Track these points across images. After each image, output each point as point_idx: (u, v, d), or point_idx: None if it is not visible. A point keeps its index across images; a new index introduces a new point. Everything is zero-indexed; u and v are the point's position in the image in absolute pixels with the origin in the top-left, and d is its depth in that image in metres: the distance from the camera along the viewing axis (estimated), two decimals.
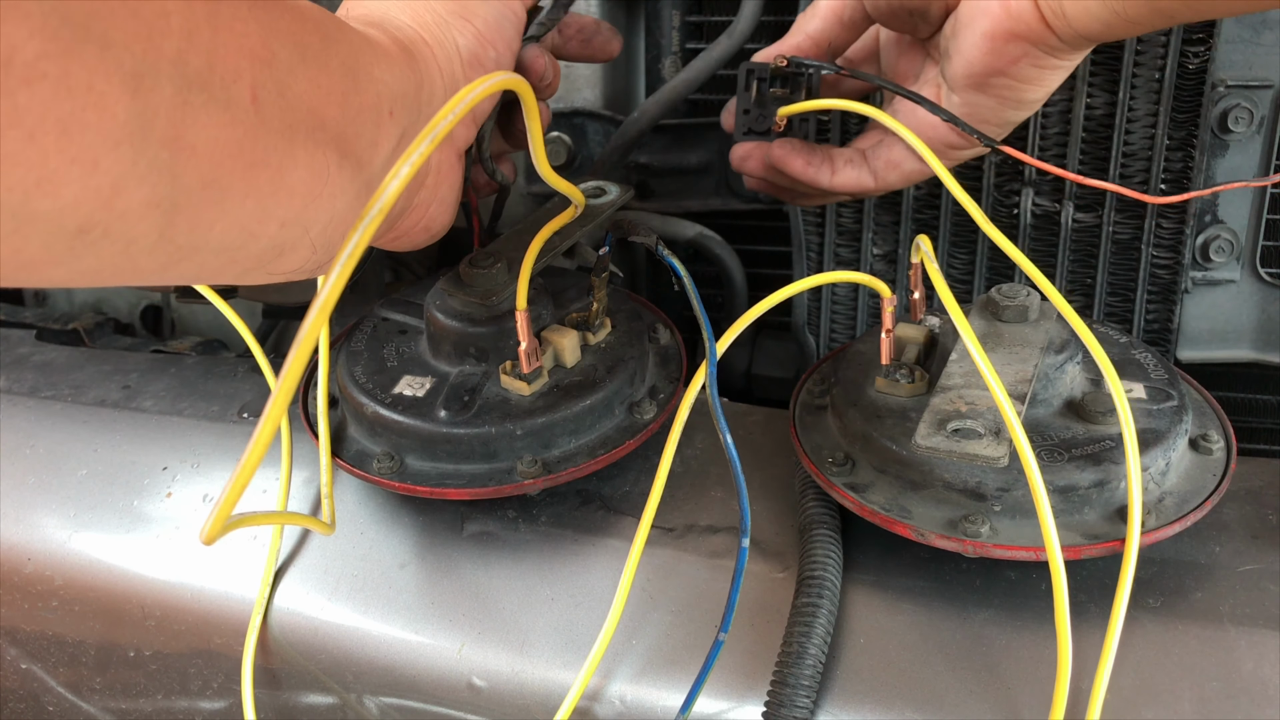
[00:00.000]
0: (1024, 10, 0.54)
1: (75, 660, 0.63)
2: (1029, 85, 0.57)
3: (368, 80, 0.45)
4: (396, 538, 0.60)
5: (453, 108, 0.39)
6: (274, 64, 0.38)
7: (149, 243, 0.35)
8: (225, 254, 0.39)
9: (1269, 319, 0.72)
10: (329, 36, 0.43)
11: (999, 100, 0.58)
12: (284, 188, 0.40)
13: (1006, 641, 0.51)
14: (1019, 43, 0.55)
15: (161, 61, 0.33)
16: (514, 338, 0.57)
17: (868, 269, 0.77)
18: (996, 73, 0.57)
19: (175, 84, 0.33)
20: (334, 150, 0.42)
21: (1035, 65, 0.56)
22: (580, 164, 0.83)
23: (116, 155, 0.31)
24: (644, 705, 0.52)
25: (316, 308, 0.34)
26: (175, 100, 0.33)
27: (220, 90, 0.35)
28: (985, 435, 0.49)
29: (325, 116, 0.41)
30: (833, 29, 0.63)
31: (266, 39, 0.38)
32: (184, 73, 0.34)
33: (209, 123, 0.35)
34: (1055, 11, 0.53)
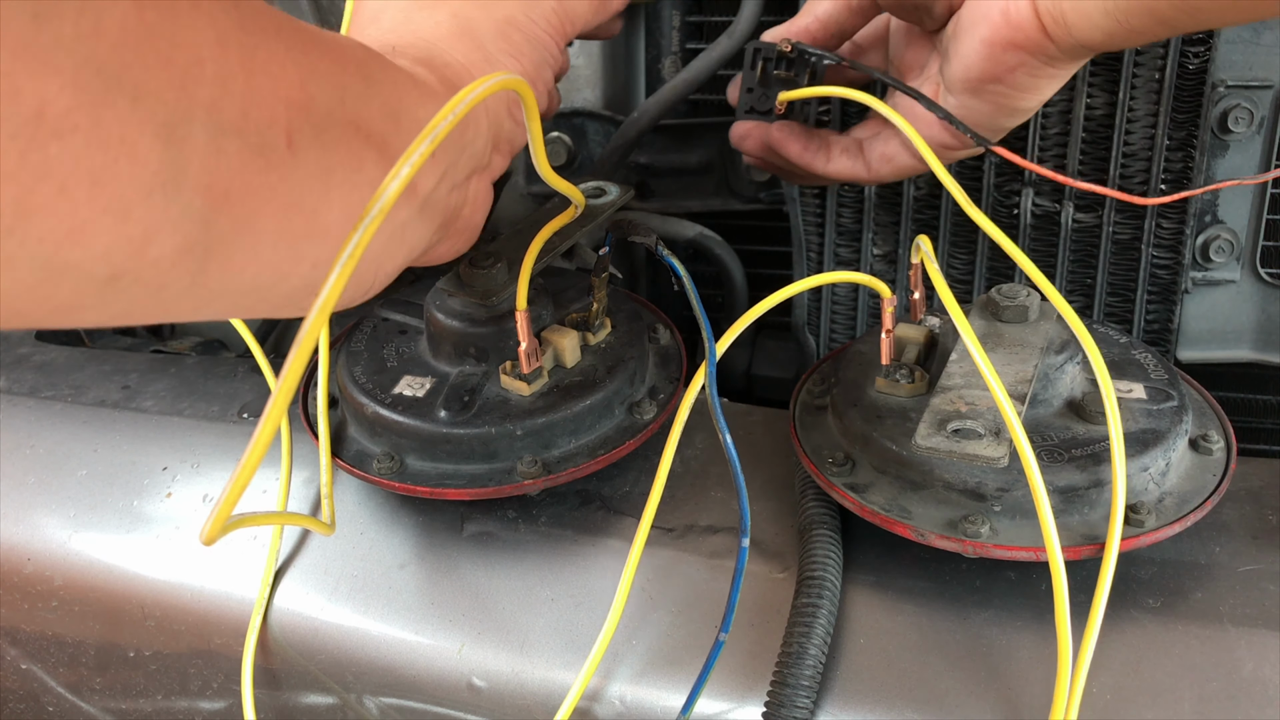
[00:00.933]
0: (1024, 19, 0.54)
1: (75, 660, 0.63)
2: (1025, 93, 0.57)
3: (410, 122, 0.44)
4: (396, 538, 0.60)
5: (453, 107, 0.39)
6: (311, 108, 0.38)
7: (181, 287, 0.35)
8: (257, 294, 0.39)
9: (1269, 319, 0.72)
10: (371, 78, 0.43)
11: (994, 106, 0.58)
12: (318, 229, 0.39)
13: (1006, 641, 0.51)
14: (1017, 52, 0.55)
15: (195, 109, 0.32)
16: (514, 338, 0.57)
17: (868, 269, 0.77)
18: (993, 79, 0.57)
19: (209, 131, 0.33)
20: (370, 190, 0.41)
21: (1032, 75, 0.56)
22: (580, 164, 0.83)
23: (149, 204, 0.31)
24: (644, 705, 0.52)
25: (316, 308, 0.34)
26: (209, 147, 0.33)
27: (255, 136, 0.35)
28: (985, 435, 0.49)
29: (363, 159, 0.41)
30: (841, 13, 0.64)
31: (304, 83, 0.38)
32: (218, 120, 0.33)
33: (243, 168, 0.35)
34: (1056, 21, 0.53)
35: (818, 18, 0.64)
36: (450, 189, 0.50)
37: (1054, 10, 0.53)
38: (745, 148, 0.69)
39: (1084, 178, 0.70)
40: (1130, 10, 0.51)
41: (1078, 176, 0.70)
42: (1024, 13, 0.54)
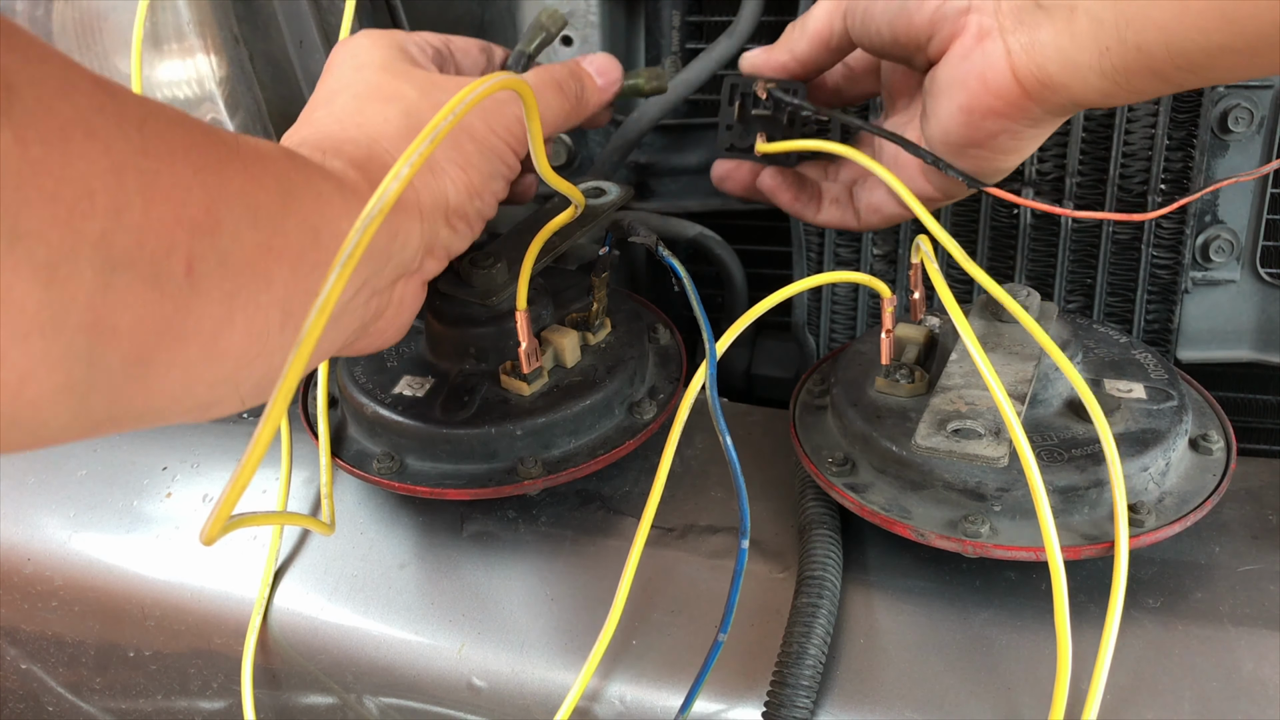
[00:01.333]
0: (1003, 85, 0.51)
1: (75, 660, 0.63)
2: (1009, 154, 0.55)
3: (331, 236, 0.42)
4: (396, 538, 0.60)
5: (446, 115, 0.39)
6: (218, 231, 0.36)
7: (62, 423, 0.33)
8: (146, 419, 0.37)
9: (1269, 319, 0.72)
10: (291, 192, 0.41)
11: (976, 165, 0.56)
12: (216, 354, 0.37)
13: (1006, 641, 0.51)
14: (998, 119, 0.52)
15: (81, 246, 0.30)
16: (514, 338, 0.57)
17: (868, 269, 0.77)
18: (974, 144, 0.54)
19: (96, 267, 0.31)
20: (278, 310, 0.40)
21: (1015, 137, 0.53)
22: (580, 164, 0.83)
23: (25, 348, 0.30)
24: (644, 705, 0.52)
25: (315, 309, 0.34)
26: (96, 284, 0.31)
27: (149, 267, 0.33)
28: (985, 435, 0.49)
29: (273, 278, 0.39)
30: (819, 53, 0.61)
31: (211, 206, 0.36)
32: (107, 255, 0.31)
33: (134, 302, 0.33)
34: (1041, 83, 0.50)
35: (795, 57, 0.62)
36: (370, 296, 0.48)
37: (1037, 73, 0.50)
38: (727, 188, 0.67)
39: (1084, 177, 0.70)
40: (1129, 71, 0.48)
41: (1078, 176, 0.70)
42: (1003, 78, 0.51)
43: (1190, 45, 0.45)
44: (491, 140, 0.53)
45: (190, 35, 0.71)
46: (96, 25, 0.71)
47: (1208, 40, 0.44)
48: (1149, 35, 0.46)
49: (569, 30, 0.81)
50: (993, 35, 0.51)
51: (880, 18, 0.55)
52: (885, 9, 0.55)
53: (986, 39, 0.51)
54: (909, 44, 0.54)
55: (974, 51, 0.51)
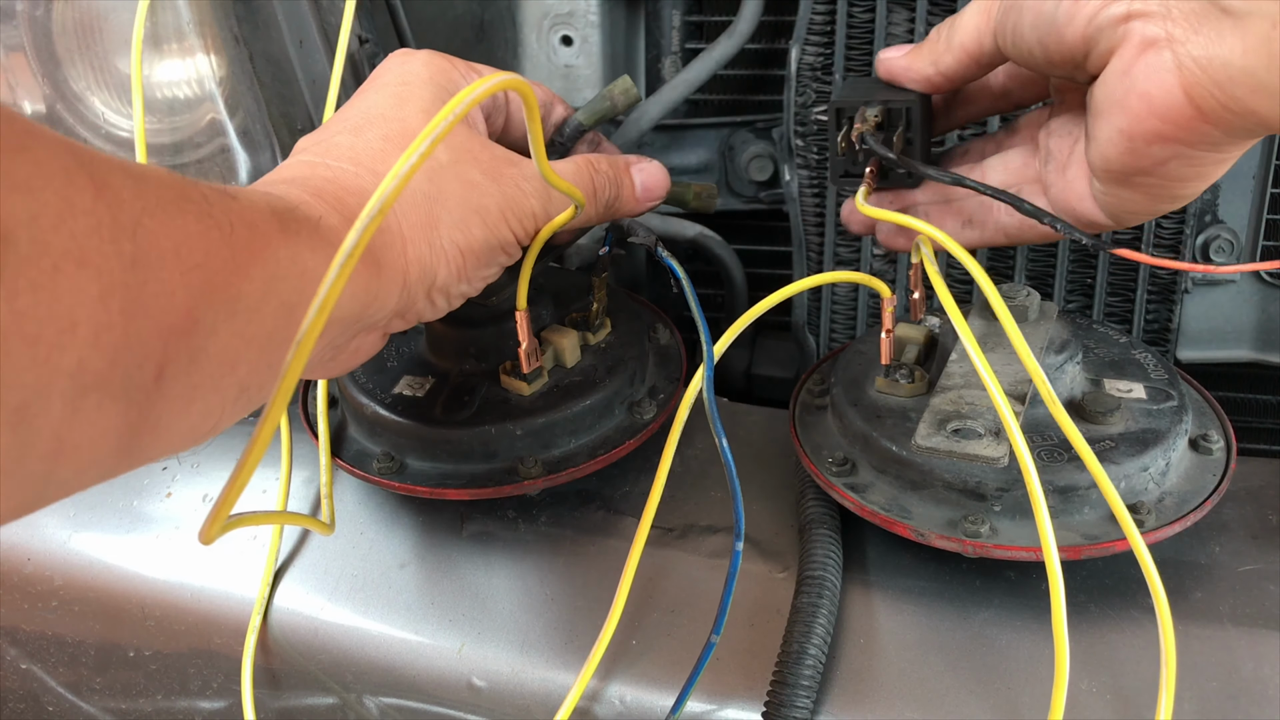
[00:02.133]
0: (1171, 106, 0.43)
1: (75, 660, 0.63)
2: (1187, 182, 0.47)
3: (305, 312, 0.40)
4: (396, 538, 0.60)
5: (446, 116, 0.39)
6: (194, 331, 0.35)
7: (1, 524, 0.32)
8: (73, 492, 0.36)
9: (1269, 319, 0.72)
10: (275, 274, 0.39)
11: (1148, 195, 0.48)
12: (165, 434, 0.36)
13: (1006, 641, 0.51)
14: (1167, 144, 0.45)
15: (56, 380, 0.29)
16: (514, 338, 0.57)
17: (868, 269, 0.77)
18: (1139, 173, 0.47)
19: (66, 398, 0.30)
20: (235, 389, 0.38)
21: (1191, 165, 0.46)
22: None
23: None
24: (643, 705, 0.52)
25: (314, 310, 0.34)
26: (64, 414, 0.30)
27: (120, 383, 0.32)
28: (985, 435, 0.49)
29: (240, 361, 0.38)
30: (966, 68, 0.54)
31: (192, 308, 0.34)
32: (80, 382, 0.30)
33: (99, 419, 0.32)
34: (1222, 105, 0.42)
35: (940, 70, 0.54)
36: (325, 348, 0.47)
37: (1216, 92, 0.42)
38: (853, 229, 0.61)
39: None
40: None
41: None
42: (1170, 97, 0.43)
43: None
44: (501, 230, 0.51)
45: (190, 35, 0.71)
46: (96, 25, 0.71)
47: None
48: None
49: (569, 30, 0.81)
50: (1159, 46, 0.43)
51: (1030, 34, 0.48)
52: (1036, 22, 0.48)
53: (1150, 50, 0.43)
54: (1064, 61, 0.47)
55: (1136, 66, 0.44)
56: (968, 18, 0.53)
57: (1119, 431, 0.54)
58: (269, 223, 0.40)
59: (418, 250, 0.48)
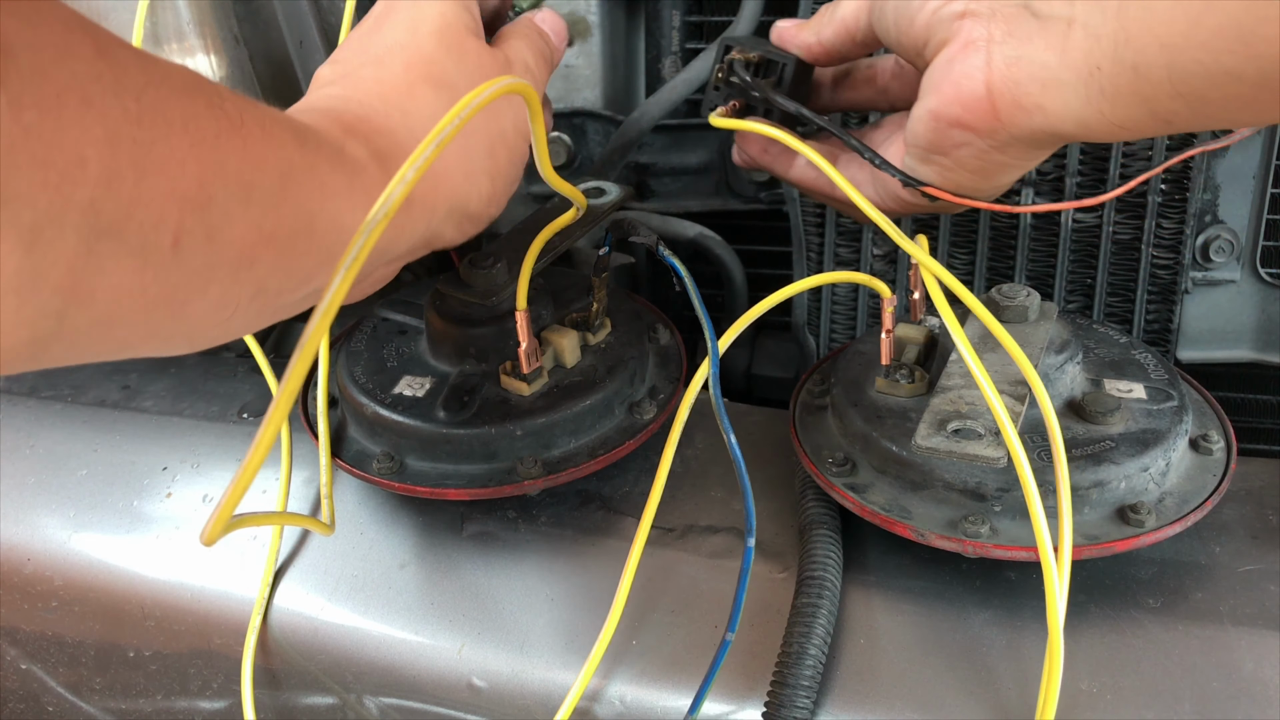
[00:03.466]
0: (974, 98, 0.49)
1: (75, 660, 0.63)
2: (973, 173, 0.53)
3: (328, 225, 0.42)
4: (396, 538, 0.60)
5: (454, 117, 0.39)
6: (209, 206, 0.36)
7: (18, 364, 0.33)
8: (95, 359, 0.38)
9: (1269, 319, 0.72)
10: (291, 176, 0.40)
11: (940, 176, 0.54)
12: (183, 317, 0.37)
13: (1007, 642, 0.51)
14: (962, 131, 0.50)
15: (69, 212, 0.31)
16: (514, 338, 0.57)
17: (868, 269, 0.77)
18: (937, 151, 0.52)
19: (81, 234, 0.31)
20: (253, 286, 0.40)
21: (979, 157, 0.51)
22: (580, 164, 0.83)
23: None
24: (644, 706, 0.52)
25: (319, 314, 0.34)
26: (78, 250, 0.32)
27: (136, 237, 0.33)
28: (985, 435, 0.49)
29: (256, 258, 0.39)
30: (843, 42, 0.60)
31: (204, 181, 0.35)
32: (94, 222, 0.32)
33: (115, 270, 0.33)
34: (1014, 102, 0.48)
35: (820, 40, 0.60)
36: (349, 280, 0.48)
37: (1013, 90, 0.48)
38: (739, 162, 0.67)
39: (1084, 177, 0.70)
40: (1116, 96, 0.45)
41: (1078, 176, 0.70)
42: (975, 90, 0.49)
43: (1194, 68, 0.42)
44: (520, 147, 0.53)
45: (190, 35, 0.71)
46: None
47: (1215, 63, 0.42)
48: (1150, 54, 0.43)
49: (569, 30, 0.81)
50: (978, 46, 0.49)
51: (892, 18, 0.54)
52: (897, 9, 0.54)
53: (971, 48, 0.49)
54: (911, 45, 0.53)
55: (957, 58, 0.50)
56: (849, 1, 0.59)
57: (1119, 432, 0.54)
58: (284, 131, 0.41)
59: (451, 183, 0.49)
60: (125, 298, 0.34)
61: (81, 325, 0.34)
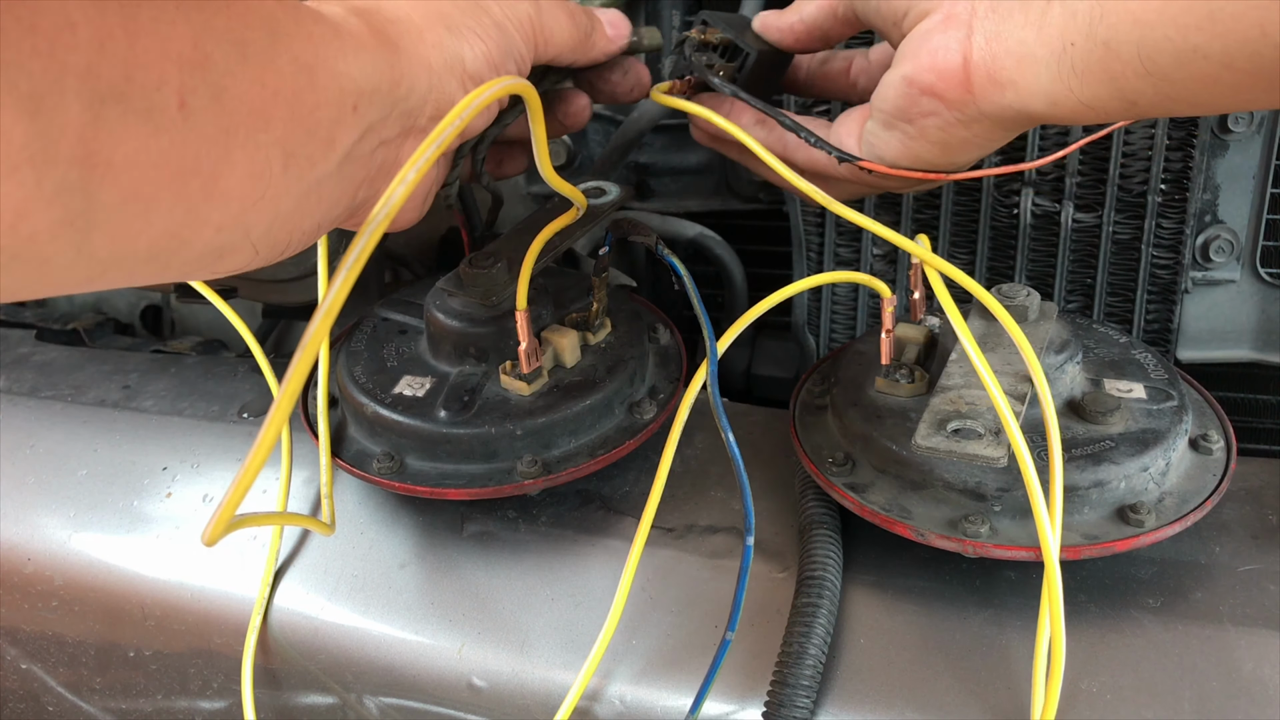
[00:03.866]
0: (949, 67, 0.50)
1: (75, 660, 0.63)
2: (934, 145, 0.53)
3: (328, 75, 0.42)
4: (396, 538, 0.60)
5: (459, 112, 0.39)
6: (208, 66, 0.36)
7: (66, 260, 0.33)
8: (157, 261, 0.37)
9: (1269, 319, 0.72)
10: (278, 31, 0.40)
11: (903, 146, 0.55)
12: (218, 193, 0.37)
13: (1006, 641, 0.51)
14: (932, 99, 0.51)
15: (66, 77, 0.31)
16: (514, 338, 0.57)
17: (868, 269, 0.77)
18: (903, 118, 0.53)
19: (84, 100, 0.31)
20: (279, 151, 0.40)
21: (944, 129, 0.52)
22: (580, 164, 0.83)
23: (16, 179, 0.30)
24: (644, 705, 0.52)
25: (320, 316, 0.34)
26: (85, 117, 0.32)
27: (141, 100, 0.33)
28: (985, 435, 0.49)
29: (271, 116, 0.39)
30: (826, 21, 0.61)
31: (198, 40, 0.35)
32: (95, 87, 0.32)
33: (127, 136, 0.33)
34: (988, 76, 0.49)
35: (803, 20, 0.62)
36: (377, 145, 0.47)
37: (989, 64, 0.49)
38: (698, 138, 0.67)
39: (1084, 177, 0.70)
40: (1087, 73, 0.46)
41: (1078, 176, 0.70)
42: (951, 60, 0.50)
43: (1164, 45, 0.44)
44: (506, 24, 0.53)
45: None
46: None
47: (1183, 41, 0.43)
48: (1122, 31, 0.45)
49: None
50: (961, 20, 0.50)
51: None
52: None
53: (953, 21, 0.51)
54: (889, 15, 0.54)
55: (937, 30, 0.51)
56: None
57: (1119, 431, 0.54)
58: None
59: (436, 34, 0.50)
60: (148, 168, 0.34)
61: (112, 202, 0.33)
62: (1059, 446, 0.47)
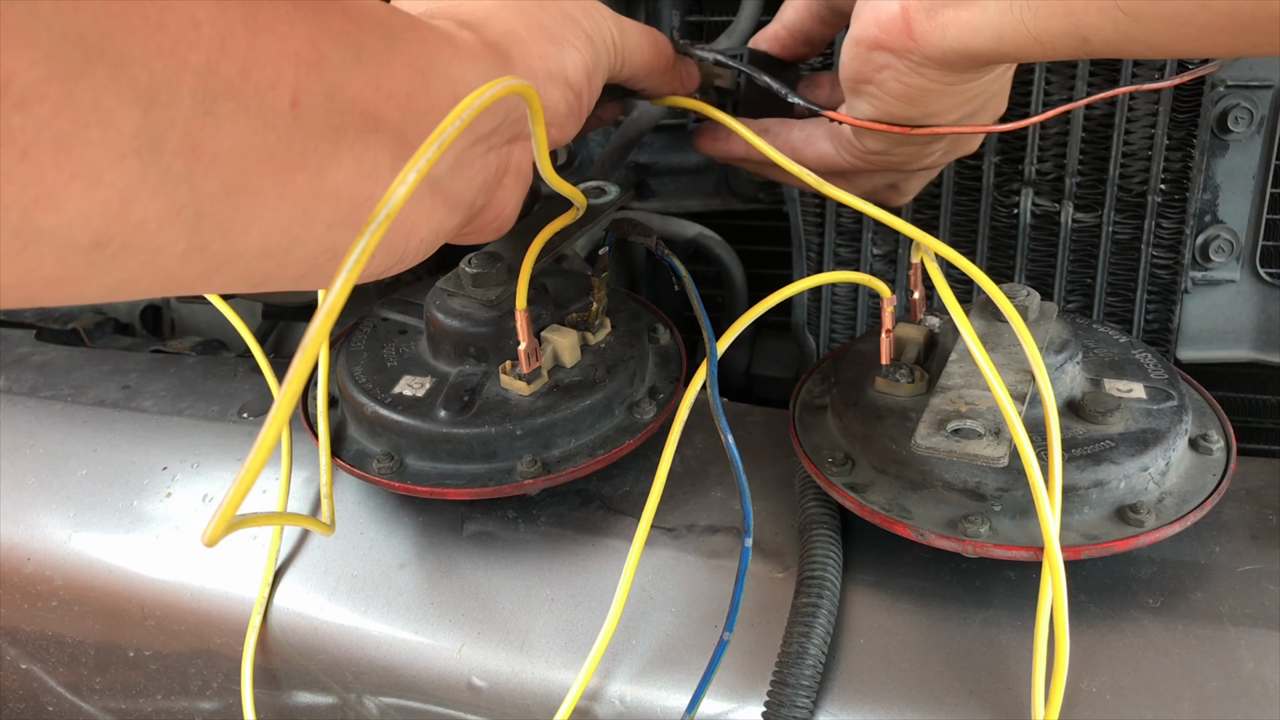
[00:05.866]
0: (890, 18, 0.50)
1: (75, 660, 0.63)
2: (899, 100, 0.53)
3: (442, 81, 0.43)
4: (396, 538, 0.60)
5: (460, 113, 0.39)
6: (324, 66, 0.37)
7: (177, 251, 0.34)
8: (270, 259, 0.38)
9: (1269, 319, 0.72)
10: (393, 35, 0.41)
11: (876, 108, 0.55)
12: (326, 190, 0.38)
13: (1006, 641, 0.51)
14: (881, 52, 0.52)
15: (184, 74, 0.32)
16: (514, 338, 0.57)
17: (868, 269, 0.77)
18: (862, 80, 0.54)
19: (197, 95, 0.33)
20: (388, 151, 0.41)
21: (900, 80, 0.52)
22: (580, 164, 0.83)
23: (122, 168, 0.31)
24: (644, 705, 0.52)
25: (321, 316, 0.34)
26: (195, 111, 0.33)
27: (254, 97, 0.34)
28: (985, 435, 0.49)
29: (383, 118, 0.40)
30: (807, 23, 0.63)
31: (315, 40, 0.37)
32: (210, 83, 0.33)
33: (233, 130, 0.34)
34: (927, 18, 0.49)
35: (785, 25, 0.64)
36: (487, 150, 0.48)
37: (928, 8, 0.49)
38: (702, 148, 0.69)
39: (1084, 177, 0.70)
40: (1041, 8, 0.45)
41: (1078, 175, 0.70)
42: (891, 9, 0.50)
43: None
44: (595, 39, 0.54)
45: None
46: None
47: None
48: None
49: None
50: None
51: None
52: None
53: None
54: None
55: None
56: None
57: (1119, 431, 0.54)
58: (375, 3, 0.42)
59: (540, 46, 0.50)
60: (252, 162, 0.35)
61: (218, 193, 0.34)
62: (1059, 446, 0.47)
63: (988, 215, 0.73)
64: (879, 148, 0.58)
